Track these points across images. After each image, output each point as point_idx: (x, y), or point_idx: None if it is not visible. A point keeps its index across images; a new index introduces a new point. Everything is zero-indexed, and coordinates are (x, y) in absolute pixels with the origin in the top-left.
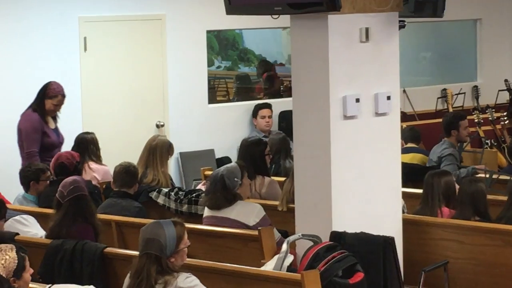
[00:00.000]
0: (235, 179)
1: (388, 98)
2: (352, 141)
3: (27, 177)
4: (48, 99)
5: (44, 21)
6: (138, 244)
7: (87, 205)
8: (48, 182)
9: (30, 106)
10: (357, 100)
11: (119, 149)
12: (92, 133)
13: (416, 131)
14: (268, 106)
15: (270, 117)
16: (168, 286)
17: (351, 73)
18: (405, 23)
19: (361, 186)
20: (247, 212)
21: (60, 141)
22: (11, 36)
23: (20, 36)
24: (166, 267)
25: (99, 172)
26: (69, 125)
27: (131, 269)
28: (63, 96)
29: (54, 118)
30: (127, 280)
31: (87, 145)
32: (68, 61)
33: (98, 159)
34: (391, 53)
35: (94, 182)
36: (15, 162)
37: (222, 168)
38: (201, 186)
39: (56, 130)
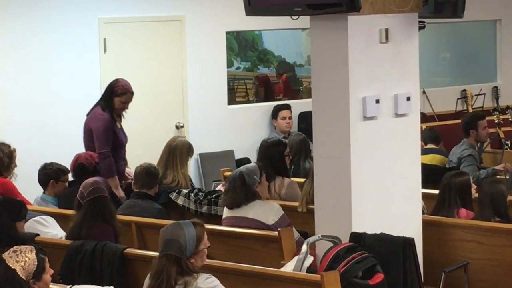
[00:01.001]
0: (254, 176)
1: (408, 99)
2: (372, 142)
3: (48, 175)
4: (116, 96)
5: (64, 22)
6: (158, 245)
7: (107, 206)
8: (66, 184)
9: (97, 104)
10: (377, 101)
11: (139, 150)
12: None
13: (436, 132)
14: (288, 107)
15: (290, 118)
16: (188, 287)
17: (370, 74)
18: (425, 23)
19: (381, 187)
20: (266, 211)
21: (126, 141)
22: (31, 37)
23: (40, 37)
24: (186, 268)
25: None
26: None
27: (151, 270)
28: (132, 93)
29: (119, 117)
30: (147, 281)
31: None
32: (88, 62)
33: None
34: (411, 54)
35: None
36: (35, 163)
37: (241, 167)
38: (221, 187)
39: (122, 129)
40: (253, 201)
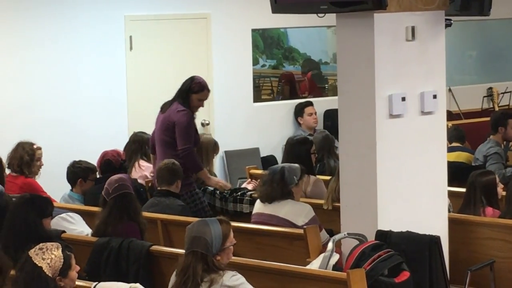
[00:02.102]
0: (294, 176)
1: (434, 96)
2: (398, 139)
3: (76, 174)
4: (194, 93)
5: (90, 20)
6: (184, 242)
7: (132, 203)
8: (94, 182)
9: (174, 101)
10: (403, 99)
11: None
12: (148, 134)
13: (461, 131)
14: (312, 103)
15: (315, 113)
16: (214, 284)
17: (397, 71)
18: (452, 21)
19: (407, 185)
20: (297, 211)
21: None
22: (58, 35)
23: (66, 35)
24: (212, 265)
25: (149, 170)
26: (114, 123)
27: (177, 267)
28: (208, 90)
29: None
30: (173, 278)
31: (142, 145)
32: (114, 60)
33: (149, 159)
34: (437, 52)
35: (142, 180)
36: (61, 161)
37: (284, 164)
38: (246, 185)
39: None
40: (286, 200)
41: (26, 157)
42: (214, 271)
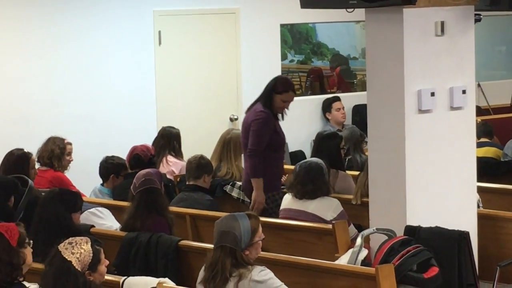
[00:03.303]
0: (325, 171)
1: (464, 92)
2: (427, 135)
3: (109, 170)
4: (277, 94)
5: (119, 15)
6: (212, 237)
7: (158, 197)
8: None
9: (257, 101)
10: (432, 94)
11: (193, 143)
12: (177, 129)
13: (489, 126)
14: (339, 99)
15: (343, 108)
16: (242, 279)
17: (426, 67)
18: (481, 16)
19: (436, 180)
20: (325, 206)
21: (285, 141)
22: (87, 30)
23: (96, 30)
24: (241, 259)
25: (176, 166)
26: (143, 118)
27: (206, 262)
28: (294, 92)
29: (279, 116)
30: (201, 273)
31: (170, 140)
32: (143, 55)
33: (177, 155)
34: (466, 47)
35: (170, 176)
36: (91, 155)
37: (312, 159)
38: None
39: (281, 128)
40: (322, 195)
41: (56, 151)
42: (243, 266)
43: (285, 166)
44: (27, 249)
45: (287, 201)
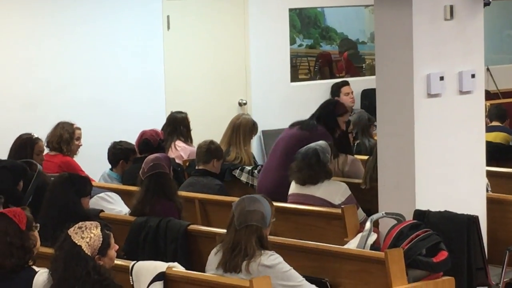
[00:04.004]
0: (327, 154)
1: (473, 76)
2: (436, 119)
3: (117, 155)
4: (340, 117)
5: (128, 0)
6: (221, 221)
7: (167, 182)
8: None
9: (318, 123)
10: (441, 78)
11: (201, 127)
12: (184, 113)
13: (502, 110)
14: (348, 83)
15: (352, 93)
16: (251, 262)
17: (435, 51)
18: (490, 0)
19: (445, 165)
20: (333, 190)
21: None
22: (95, 15)
23: (104, 15)
24: (264, 239)
25: (185, 151)
26: (152, 103)
27: (223, 246)
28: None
29: None
30: (212, 258)
31: (176, 125)
32: (151, 40)
33: (186, 140)
34: (475, 31)
35: (179, 160)
36: (99, 141)
37: (312, 144)
38: None
39: None
40: (328, 180)
41: (65, 135)
42: (262, 247)
43: None
44: (35, 233)
45: (295, 186)
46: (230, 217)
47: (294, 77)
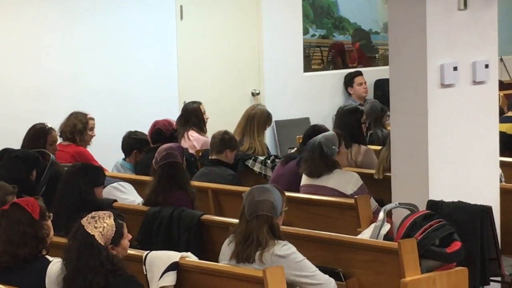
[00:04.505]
0: (333, 146)
1: (486, 66)
2: (450, 109)
3: (131, 145)
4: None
5: None
6: (234, 211)
7: (179, 171)
8: None
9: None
10: (455, 69)
11: (214, 117)
12: (197, 103)
13: None
14: (361, 73)
15: (365, 83)
16: (265, 252)
17: (448, 41)
18: None
19: (458, 155)
20: (345, 180)
21: None
22: (108, 4)
23: (117, 4)
24: (276, 228)
25: (198, 141)
26: (165, 93)
27: (235, 236)
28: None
29: None
30: (225, 248)
31: (188, 115)
32: (165, 30)
33: (199, 130)
34: (489, 21)
35: (192, 150)
36: (112, 130)
37: (319, 136)
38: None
39: None
40: (333, 171)
41: (79, 125)
42: (274, 236)
43: None
44: (48, 222)
45: (305, 178)
46: (241, 208)
47: (307, 67)
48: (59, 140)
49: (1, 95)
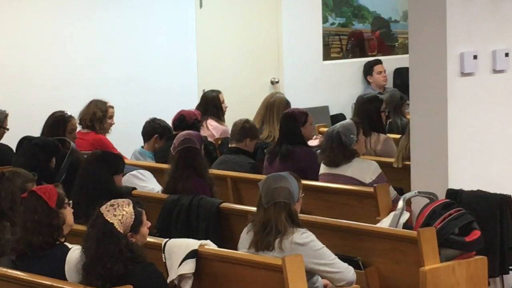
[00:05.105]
0: (351, 135)
1: (506, 55)
2: (469, 98)
3: (154, 129)
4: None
5: None
6: (253, 199)
7: (197, 157)
8: None
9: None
10: (475, 57)
11: (233, 105)
12: (216, 91)
13: None
14: (381, 62)
15: (385, 71)
16: (284, 240)
17: (468, 29)
18: None
19: (478, 144)
20: (364, 169)
21: None
22: None
23: None
24: (294, 214)
25: (217, 130)
26: (184, 81)
27: (254, 225)
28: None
29: None
30: (244, 236)
31: (207, 104)
32: (184, 18)
33: (219, 119)
34: (509, 10)
35: (211, 139)
36: (131, 118)
37: (337, 124)
38: (313, 141)
39: None
40: (352, 160)
41: (99, 113)
42: (293, 223)
43: (325, 129)
44: (67, 210)
45: (323, 167)
46: (258, 197)
47: (326, 56)
48: (78, 128)
49: (22, 83)
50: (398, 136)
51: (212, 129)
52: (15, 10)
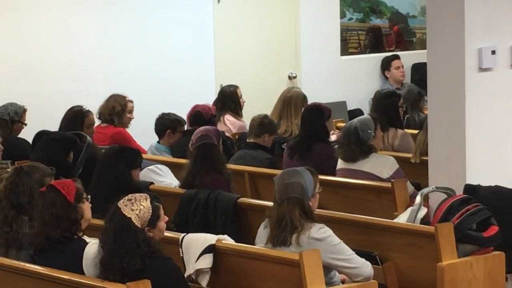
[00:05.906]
0: (369, 131)
1: None
2: (488, 93)
3: (165, 125)
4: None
5: None
6: (270, 194)
7: (215, 153)
8: (181, 134)
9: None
10: (493, 52)
11: (251, 100)
12: (234, 86)
13: None
14: (398, 57)
15: (403, 67)
16: (301, 235)
17: (487, 24)
18: None
19: (496, 139)
20: (381, 164)
21: None
22: None
23: None
24: (308, 210)
25: (234, 125)
26: (202, 76)
27: (270, 220)
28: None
29: None
30: (261, 231)
31: (225, 99)
32: (202, 13)
33: (236, 114)
34: None
35: (228, 134)
36: (149, 113)
37: (355, 120)
38: (331, 137)
39: None
40: (369, 155)
41: (118, 108)
42: (308, 218)
43: (342, 125)
44: (85, 204)
45: (340, 162)
46: (274, 192)
47: (344, 51)
48: (97, 122)
49: (40, 77)
50: (415, 131)
51: (229, 124)
52: (33, 5)
